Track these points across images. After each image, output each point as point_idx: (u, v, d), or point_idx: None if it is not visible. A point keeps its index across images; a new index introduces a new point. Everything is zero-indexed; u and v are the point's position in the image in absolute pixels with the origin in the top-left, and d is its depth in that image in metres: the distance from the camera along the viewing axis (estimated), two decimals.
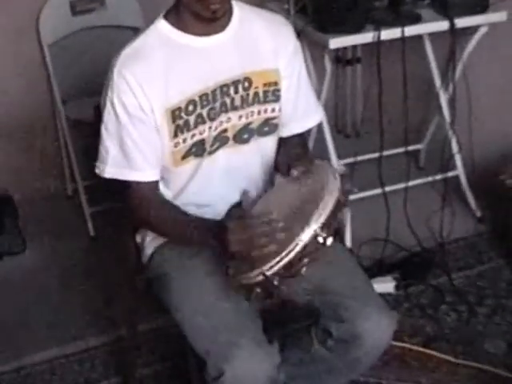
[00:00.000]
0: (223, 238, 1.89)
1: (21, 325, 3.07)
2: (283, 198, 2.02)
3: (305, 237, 1.80)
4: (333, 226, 1.85)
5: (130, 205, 2.16)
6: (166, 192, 2.21)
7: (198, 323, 2.04)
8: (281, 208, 1.96)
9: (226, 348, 1.94)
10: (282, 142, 2.29)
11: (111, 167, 2.11)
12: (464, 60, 3.47)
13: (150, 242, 2.27)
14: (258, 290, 1.86)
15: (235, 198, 2.25)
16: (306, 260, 1.83)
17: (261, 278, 1.83)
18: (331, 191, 1.86)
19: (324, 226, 1.81)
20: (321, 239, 1.81)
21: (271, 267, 1.82)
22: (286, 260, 1.81)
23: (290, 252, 1.80)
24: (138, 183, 2.12)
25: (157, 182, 2.16)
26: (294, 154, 2.22)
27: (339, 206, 1.86)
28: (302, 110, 2.28)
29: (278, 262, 1.81)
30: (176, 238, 2.16)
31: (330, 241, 1.83)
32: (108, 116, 2.07)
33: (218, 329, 2.00)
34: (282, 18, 2.28)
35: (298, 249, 1.80)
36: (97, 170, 2.15)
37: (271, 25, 2.20)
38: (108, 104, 2.06)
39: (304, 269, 1.84)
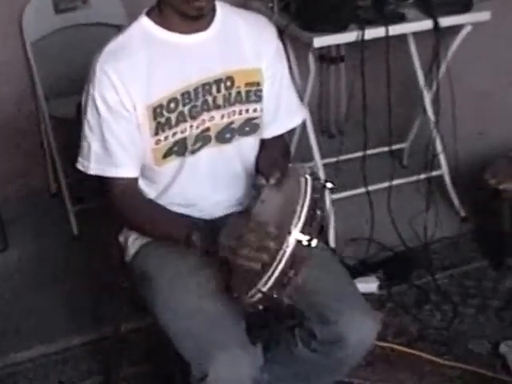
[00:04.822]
0: (215, 240, 1.91)
1: (3, 323, 3.06)
2: (268, 209, 2.01)
3: (289, 245, 1.80)
4: (314, 227, 1.84)
5: (111, 202, 2.15)
6: (149, 191, 2.20)
7: (181, 325, 2.03)
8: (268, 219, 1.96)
9: (209, 350, 1.94)
10: (264, 143, 2.28)
11: (95, 163, 2.10)
12: (448, 59, 3.48)
13: (134, 242, 2.26)
14: (261, 307, 1.88)
15: (219, 197, 2.23)
16: (297, 266, 1.83)
17: (259, 295, 1.83)
18: (304, 193, 1.86)
19: (305, 229, 1.81)
20: (305, 242, 1.81)
21: (265, 283, 1.82)
22: (277, 272, 1.81)
23: (278, 263, 1.80)
24: (120, 179, 2.11)
25: (137, 179, 2.15)
26: (274, 158, 2.22)
27: (315, 205, 1.85)
28: (284, 111, 2.28)
29: (271, 276, 1.81)
30: (157, 235, 2.15)
31: (314, 242, 1.82)
32: (90, 112, 2.06)
33: (201, 330, 1.99)
34: (264, 18, 2.27)
35: (285, 259, 1.80)
36: (80, 166, 2.13)
37: (253, 26, 2.20)
38: (90, 100, 2.05)
39: (299, 276, 1.84)
